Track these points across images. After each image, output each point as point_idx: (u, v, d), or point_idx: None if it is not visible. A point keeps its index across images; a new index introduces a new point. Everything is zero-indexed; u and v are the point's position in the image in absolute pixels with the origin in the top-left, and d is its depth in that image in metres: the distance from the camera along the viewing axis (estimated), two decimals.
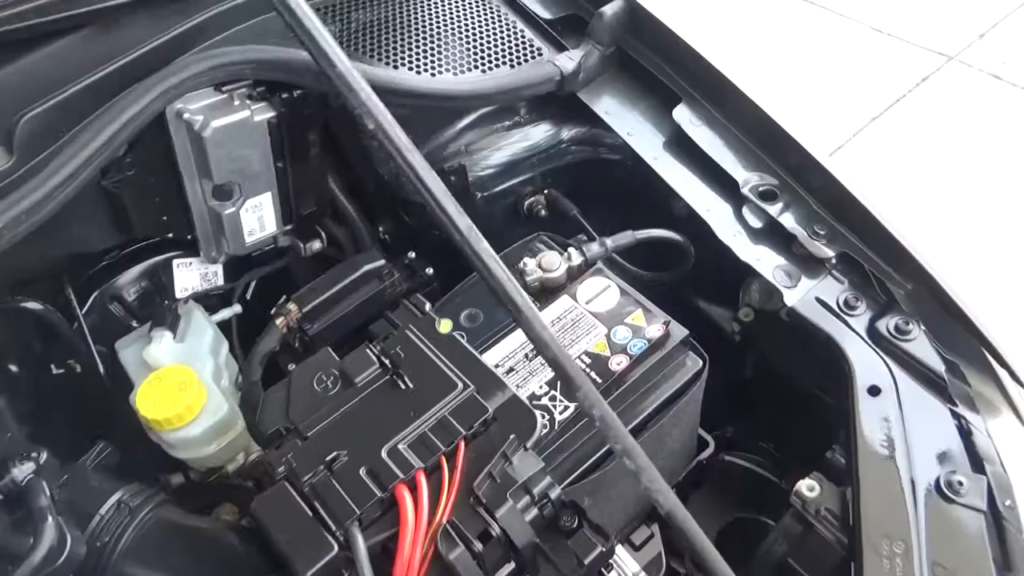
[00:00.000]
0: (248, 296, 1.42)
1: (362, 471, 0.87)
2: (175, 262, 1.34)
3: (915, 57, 3.53)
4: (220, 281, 1.38)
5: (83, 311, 1.25)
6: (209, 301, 1.37)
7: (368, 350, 0.96)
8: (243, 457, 1.26)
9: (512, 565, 0.91)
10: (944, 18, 3.69)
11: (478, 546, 0.84)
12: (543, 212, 1.30)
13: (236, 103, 1.15)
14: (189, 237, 1.29)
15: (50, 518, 0.89)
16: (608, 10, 1.23)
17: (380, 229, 1.41)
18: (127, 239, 1.24)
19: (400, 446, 0.89)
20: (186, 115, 1.11)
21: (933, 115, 3.27)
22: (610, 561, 1.09)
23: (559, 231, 1.24)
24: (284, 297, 1.19)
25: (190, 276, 1.36)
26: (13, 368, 1.18)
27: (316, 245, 1.41)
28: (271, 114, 1.17)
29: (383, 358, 0.95)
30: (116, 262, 1.30)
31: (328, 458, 0.88)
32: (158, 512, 1.04)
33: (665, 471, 1.12)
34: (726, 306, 1.29)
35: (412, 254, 1.22)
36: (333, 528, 0.83)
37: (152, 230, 1.24)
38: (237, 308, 1.37)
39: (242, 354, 1.33)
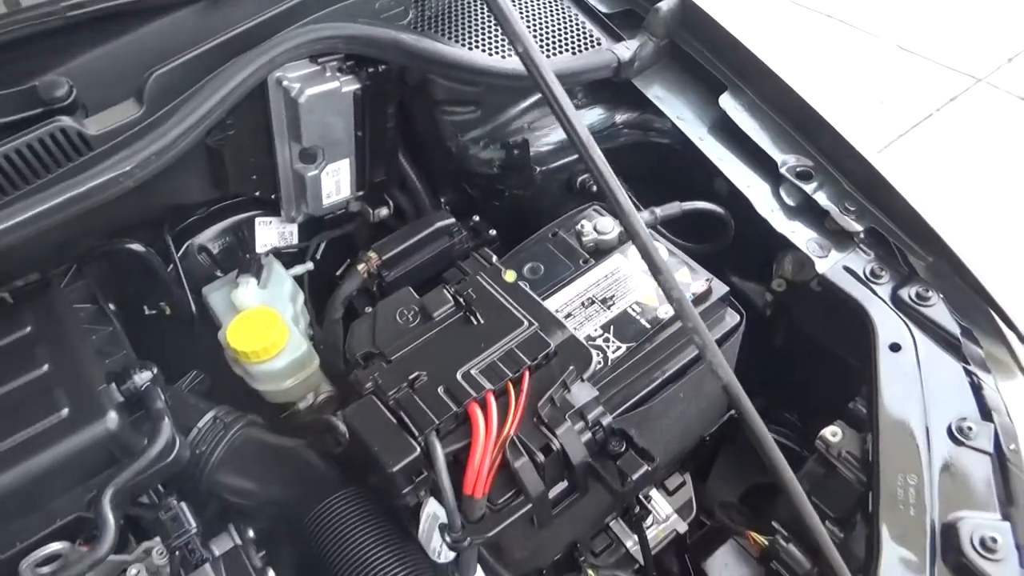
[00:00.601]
0: (317, 256, 1.55)
1: (439, 389, 0.99)
2: (257, 220, 1.47)
3: (943, 77, 3.63)
4: (295, 240, 1.51)
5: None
6: (283, 259, 1.50)
7: (444, 290, 1.09)
8: (312, 397, 1.39)
9: (565, 484, 1.03)
10: (973, 40, 3.79)
11: (540, 457, 0.96)
12: (594, 188, 1.42)
13: (328, 74, 1.29)
14: (273, 197, 1.43)
15: (166, 419, 1.02)
16: (664, 6, 1.35)
17: (442, 200, 1.54)
18: (220, 195, 1.38)
19: (472, 371, 1.01)
20: (285, 82, 1.25)
21: (960, 135, 3.37)
22: (647, 505, 1.21)
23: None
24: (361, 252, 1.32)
25: (269, 233, 1.49)
26: (111, 307, 1.31)
27: (383, 212, 1.54)
28: (357, 86, 1.30)
29: (458, 297, 1.08)
30: (205, 217, 1.44)
31: (410, 377, 1.00)
32: (247, 430, 1.17)
33: (702, 417, 1.24)
34: (758, 282, 1.40)
35: (476, 217, 1.35)
36: (416, 434, 0.95)
37: (242, 188, 1.37)
38: (309, 265, 1.50)
39: (312, 308, 1.47)
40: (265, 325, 1.26)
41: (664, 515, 1.27)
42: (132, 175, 1.06)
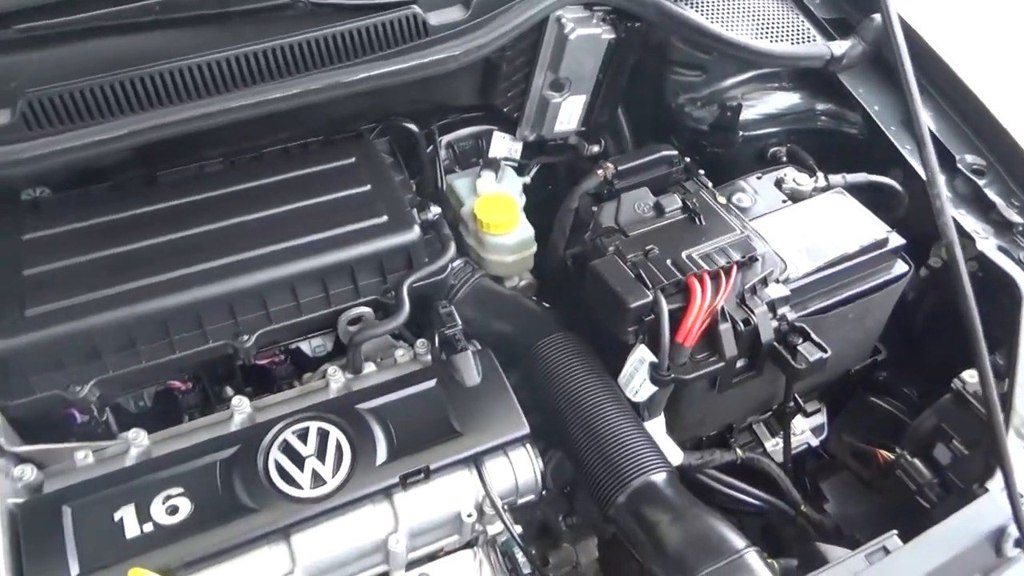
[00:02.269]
0: (531, 173, 1.85)
1: (667, 262, 1.26)
2: (495, 133, 1.79)
3: None
4: (517, 156, 1.82)
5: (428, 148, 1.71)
6: None
7: (676, 195, 1.37)
8: (517, 279, 1.68)
9: (744, 361, 1.29)
10: None
11: (741, 327, 1.22)
12: (783, 159, 1.68)
13: (594, 21, 1.58)
14: (515, 116, 1.73)
15: (452, 243, 1.33)
16: (877, 17, 1.61)
17: None
18: (479, 103, 1.69)
19: (694, 255, 1.28)
20: (563, 20, 1.55)
21: None
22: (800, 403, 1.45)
23: None
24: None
25: (501, 146, 1.79)
26: None
27: (595, 148, 1.83)
28: (613, 36, 1.59)
29: (686, 201, 1.36)
30: (458, 120, 1.76)
31: (645, 248, 1.28)
32: (484, 279, 1.48)
33: (858, 348, 1.47)
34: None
35: (687, 159, 1.62)
36: (648, 288, 1.22)
37: (497, 100, 1.68)
38: (526, 179, 1.80)
39: None
40: (505, 207, 1.56)
41: (799, 430, 1.51)
42: (457, 59, 1.38)
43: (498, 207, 1.55)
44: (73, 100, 1.21)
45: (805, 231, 1.36)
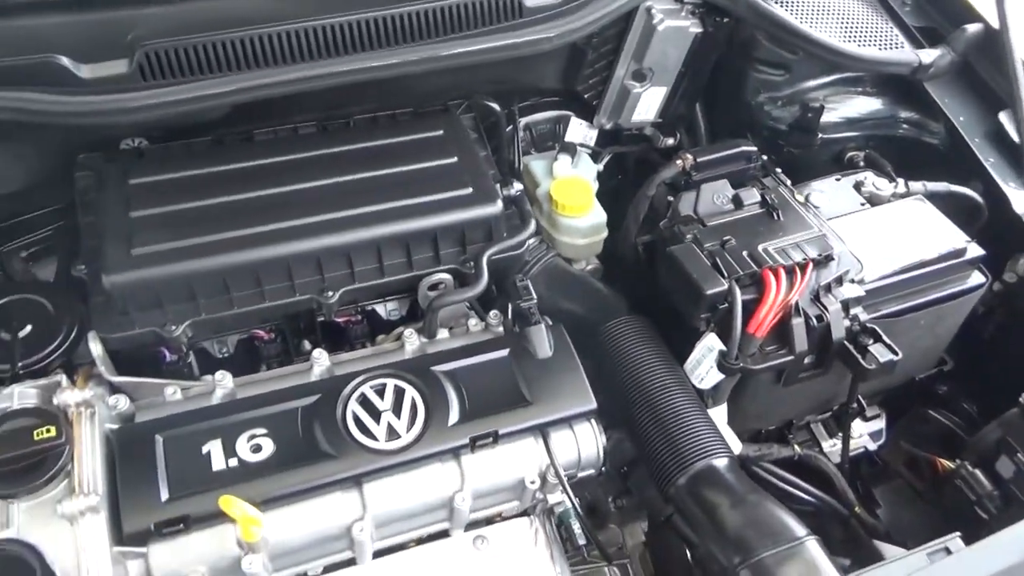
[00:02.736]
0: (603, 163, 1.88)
1: (744, 253, 1.28)
2: (573, 119, 1.81)
3: None
4: (591, 144, 1.84)
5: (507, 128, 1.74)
6: None
7: (754, 188, 1.38)
8: (585, 263, 1.70)
9: (812, 358, 1.30)
10: None
11: (813, 322, 1.23)
12: (860, 164, 1.68)
13: (683, 13, 1.60)
14: (594, 103, 1.76)
15: (533, 219, 1.37)
16: (970, 28, 1.60)
17: None
18: (561, 88, 1.72)
19: (770, 249, 1.29)
20: (653, 10, 1.57)
21: None
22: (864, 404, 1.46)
23: None
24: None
25: (578, 131, 1.81)
26: None
27: (670, 141, 1.84)
28: (700, 30, 1.61)
29: (764, 196, 1.37)
30: (537, 104, 1.79)
31: (723, 239, 1.30)
32: (556, 258, 1.51)
33: (925, 355, 1.47)
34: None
35: (765, 157, 1.63)
36: (725, 275, 1.24)
37: (579, 86, 1.71)
38: (599, 167, 1.83)
39: None
40: (581, 190, 1.59)
41: (858, 433, 1.51)
42: (551, 41, 1.41)
43: (574, 190, 1.58)
44: (187, 54, 1.27)
45: (883, 235, 1.37)
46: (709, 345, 1.28)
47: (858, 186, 1.47)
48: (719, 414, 1.33)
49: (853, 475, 1.56)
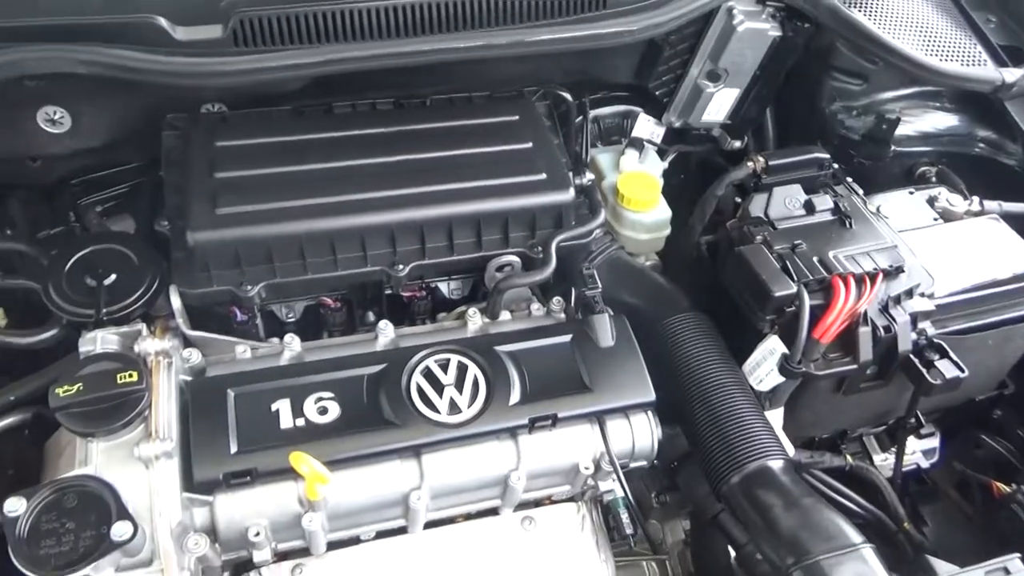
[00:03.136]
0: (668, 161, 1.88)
1: (814, 258, 1.28)
2: (641, 115, 1.82)
3: None
4: (658, 141, 1.84)
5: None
6: None
7: (827, 195, 1.38)
8: (644, 259, 1.71)
9: (875, 368, 1.29)
10: None
11: (882, 332, 1.23)
12: (932, 180, 1.66)
13: (763, 16, 1.60)
14: (665, 100, 1.76)
15: (603, 209, 1.38)
16: None
17: None
18: (632, 82, 1.72)
19: (841, 256, 1.29)
20: (734, 10, 1.57)
21: None
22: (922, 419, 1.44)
23: None
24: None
25: (645, 128, 1.81)
26: None
27: (736, 144, 1.84)
28: (779, 34, 1.60)
29: (837, 203, 1.36)
30: (607, 98, 1.80)
31: (794, 242, 1.30)
32: (620, 251, 1.52)
33: (990, 375, 1.45)
34: None
35: (836, 165, 1.62)
36: (794, 279, 1.24)
37: (651, 83, 1.71)
38: (665, 164, 1.83)
39: None
40: (648, 185, 1.60)
41: (911, 450, 1.50)
42: (633, 34, 1.42)
43: (641, 184, 1.59)
44: (279, 23, 1.30)
45: (955, 251, 1.35)
46: (771, 347, 1.28)
47: (931, 201, 1.46)
48: (775, 418, 1.33)
49: (901, 492, 1.54)
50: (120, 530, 0.97)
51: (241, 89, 1.43)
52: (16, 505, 0.98)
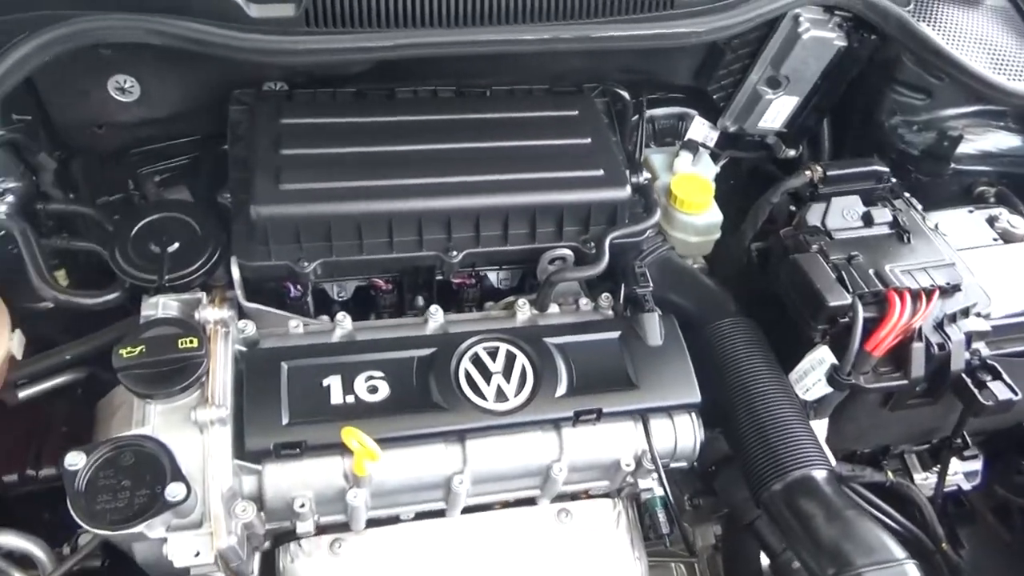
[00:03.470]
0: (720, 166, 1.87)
1: (870, 270, 1.27)
2: (696, 118, 1.81)
3: None
4: (711, 145, 1.83)
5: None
6: None
7: (886, 208, 1.37)
8: (691, 262, 1.71)
9: (925, 385, 1.28)
10: None
11: (935, 350, 1.22)
12: (991, 200, 1.64)
13: (830, 25, 1.58)
14: (721, 104, 1.75)
15: (658, 208, 1.38)
16: None
17: None
18: (691, 84, 1.72)
19: (897, 270, 1.28)
20: (801, 18, 1.56)
21: None
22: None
23: None
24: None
25: (700, 131, 1.80)
26: None
27: (791, 152, 1.83)
28: (844, 44, 1.59)
29: (895, 217, 1.35)
30: (662, 99, 1.79)
31: (850, 254, 1.29)
32: (670, 251, 1.51)
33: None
34: None
35: (893, 179, 1.60)
36: (849, 290, 1.23)
37: (710, 86, 1.70)
38: (717, 168, 1.82)
39: None
40: (701, 188, 1.59)
41: (953, 471, 1.48)
42: (700, 36, 1.42)
43: (695, 187, 1.58)
44: (350, 5, 1.31)
45: (1014, 273, 1.33)
46: (820, 357, 1.27)
47: (991, 221, 1.44)
48: (819, 429, 1.32)
49: (940, 512, 1.53)
50: (174, 491, 0.99)
51: (306, 69, 1.45)
52: (76, 459, 1.01)
